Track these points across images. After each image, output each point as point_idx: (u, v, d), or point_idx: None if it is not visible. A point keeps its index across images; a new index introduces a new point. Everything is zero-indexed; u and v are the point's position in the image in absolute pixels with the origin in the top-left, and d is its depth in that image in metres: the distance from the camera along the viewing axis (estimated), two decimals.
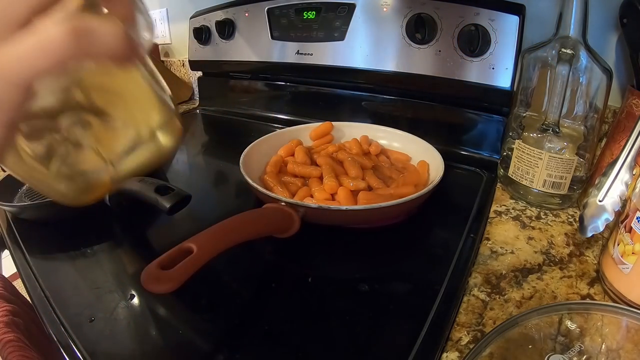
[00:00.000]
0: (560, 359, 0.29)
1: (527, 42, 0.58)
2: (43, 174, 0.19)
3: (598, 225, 0.39)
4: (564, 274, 0.42)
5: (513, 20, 0.57)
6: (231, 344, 0.35)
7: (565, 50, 0.46)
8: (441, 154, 0.55)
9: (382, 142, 0.64)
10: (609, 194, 0.39)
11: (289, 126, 0.66)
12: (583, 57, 0.46)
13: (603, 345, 0.31)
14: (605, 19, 0.53)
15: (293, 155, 0.59)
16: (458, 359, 0.33)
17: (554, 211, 0.52)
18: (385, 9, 0.66)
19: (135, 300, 0.39)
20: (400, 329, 0.36)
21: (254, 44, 0.83)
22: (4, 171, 0.68)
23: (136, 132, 0.19)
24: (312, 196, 0.50)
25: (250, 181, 0.48)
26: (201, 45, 0.91)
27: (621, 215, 0.38)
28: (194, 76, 1.08)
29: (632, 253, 0.36)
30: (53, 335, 0.36)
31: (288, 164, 0.56)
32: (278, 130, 0.64)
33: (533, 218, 0.51)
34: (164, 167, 0.67)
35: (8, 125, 0.15)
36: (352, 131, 0.66)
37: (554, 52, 0.47)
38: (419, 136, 0.61)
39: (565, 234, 0.48)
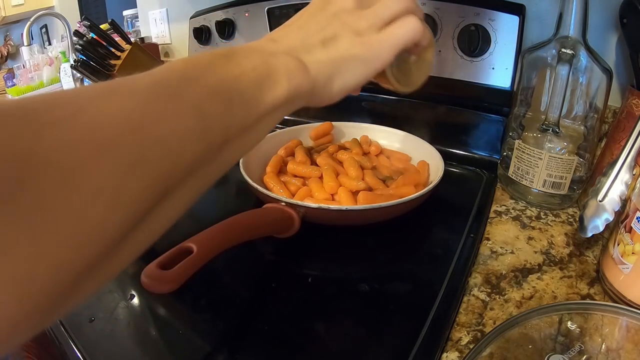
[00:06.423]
0: (560, 359, 0.29)
1: (527, 42, 0.58)
2: None
3: (598, 225, 0.39)
4: (564, 274, 0.42)
5: (513, 20, 0.57)
6: (231, 344, 0.35)
7: (565, 50, 0.46)
8: (441, 154, 0.55)
9: (382, 142, 0.64)
10: (609, 194, 0.39)
11: (289, 126, 0.66)
12: (583, 57, 0.46)
13: (603, 345, 0.31)
14: (605, 19, 0.53)
15: (293, 155, 0.59)
16: (458, 359, 0.33)
17: (554, 211, 0.52)
18: None
19: (135, 300, 0.39)
20: (400, 329, 0.36)
21: None
22: None
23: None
24: (312, 196, 0.50)
25: (250, 181, 0.48)
26: (201, 46, 0.91)
27: (621, 215, 0.38)
28: None
29: (632, 253, 0.36)
30: (53, 335, 0.36)
31: (288, 164, 0.56)
32: (278, 130, 0.64)
33: (533, 218, 0.51)
34: None
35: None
36: (352, 131, 0.66)
37: (554, 52, 0.47)
38: (419, 136, 0.61)
39: (565, 234, 0.48)
